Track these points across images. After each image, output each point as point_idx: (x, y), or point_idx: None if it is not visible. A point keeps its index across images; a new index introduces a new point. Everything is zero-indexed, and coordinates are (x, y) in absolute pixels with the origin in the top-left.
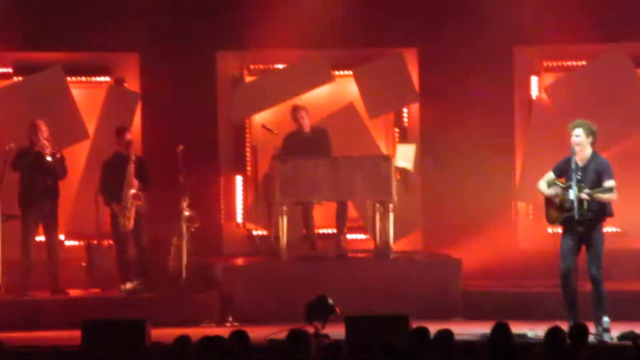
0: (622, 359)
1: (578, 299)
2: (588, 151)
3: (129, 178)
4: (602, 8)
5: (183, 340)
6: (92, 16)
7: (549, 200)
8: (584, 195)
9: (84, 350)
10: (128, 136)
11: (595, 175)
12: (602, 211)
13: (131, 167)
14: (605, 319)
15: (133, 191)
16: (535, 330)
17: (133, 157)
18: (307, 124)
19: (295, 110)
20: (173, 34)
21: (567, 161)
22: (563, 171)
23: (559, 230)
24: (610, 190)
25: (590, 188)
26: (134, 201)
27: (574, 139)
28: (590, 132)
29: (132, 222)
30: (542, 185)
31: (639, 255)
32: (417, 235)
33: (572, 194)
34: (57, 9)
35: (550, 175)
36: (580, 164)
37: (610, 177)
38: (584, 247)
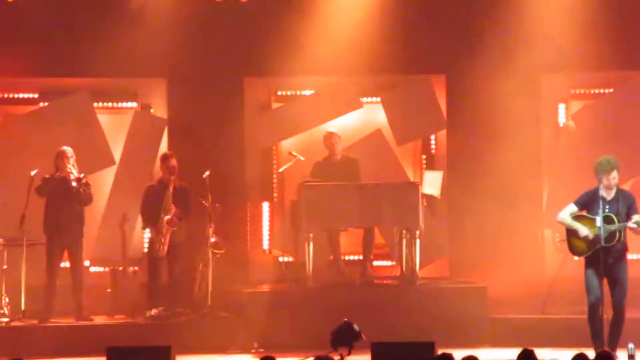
0: None
1: (603, 329)
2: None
3: (166, 204)
4: (629, 36)
5: None
6: (119, 42)
7: (571, 232)
8: (631, 225)
9: None
10: (172, 162)
11: (626, 207)
12: (626, 244)
13: (169, 193)
14: (630, 345)
15: (167, 217)
16: (560, 358)
17: (172, 183)
18: (339, 150)
19: (330, 136)
20: (200, 60)
21: (591, 194)
22: (587, 204)
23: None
24: None
25: (620, 221)
26: (168, 227)
27: (612, 181)
28: (619, 169)
29: (165, 247)
30: (567, 217)
31: None
32: (443, 262)
33: (599, 222)
34: (83, 34)
35: (573, 207)
36: (609, 197)
37: (637, 210)
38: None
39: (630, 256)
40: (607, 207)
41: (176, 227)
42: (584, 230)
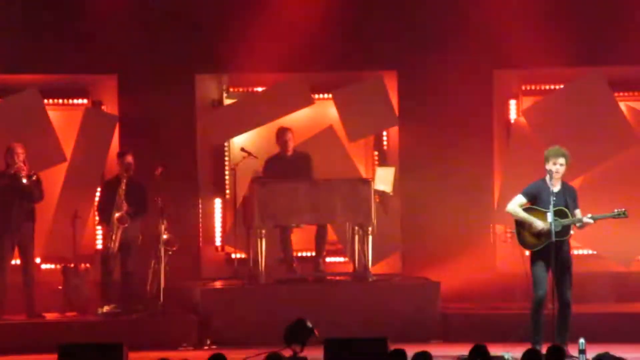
0: None
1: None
2: (559, 179)
3: (118, 201)
4: (580, 33)
5: None
6: (70, 38)
7: (521, 224)
8: (587, 220)
9: None
10: (128, 159)
11: (571, 200)
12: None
13: (121, 191)
14: (581, 340)
15: (117, 214)
16: (512, 353)
17: (124, 180)
18: (291, 146)
19: (282, 131)
20: (151, 57)
21: (538, 186)
22: (535, 195)
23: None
24: (611, 216)
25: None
26: (119, 224)
27: (558, 167)
28: (569, 162)
29: (117, 244)
30: (518, 209)
31: (613, 277)
32: (396, 259)
33: (550, 217)
34: (33, 30)
35: (521, 199)
36: (555, 189)
37: (577, 205)
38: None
39: (580, 251)
40: (554, 199)
41: (127, 224)
42: (539, 223)
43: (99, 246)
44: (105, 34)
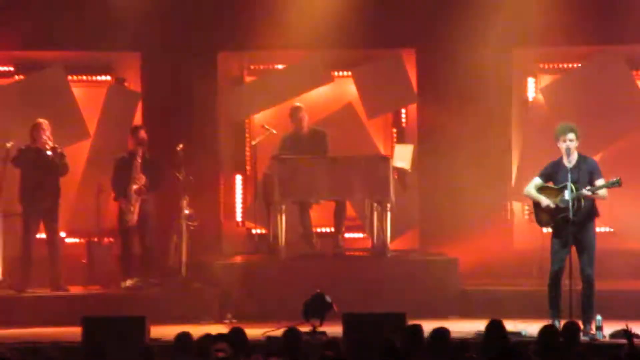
0: (614, 356)
1: (561, 299)
2: (575, 153)
3: (135, 174)
4: (597, 11)
5: (184, 336)
6: (94, 16)
7: (537, 204)
8: (585, 192)
9: (85, 346)
10: (142, 134)
11: (588, 175)
12: (593, 211)
13: (137, 163)
14: (598, 317)
15: (135, 187)
16: (528, 329)
17: (140, 154)
18: (305, 124)
19: (296, 110)
20: (174, 35)
21: (554, 165)
22: (551, 175)
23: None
24: (605, 186)
25: (580, 188)
26: (137, 197)
27: (568, 143)
28: (578, 135)
29: (135, 217)
30: (532, 191)
31: (631, 255)
32: (414, 235)
33: (567, 194)
34: (59, 8)
35: (538, 180)
36: (570, 166)
37: (601, 175)
38: (573, 248)
39: (599, 229)
40: (569, 175)
41: (145, 197)
42: (545, 201)
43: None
44: (128, 12)
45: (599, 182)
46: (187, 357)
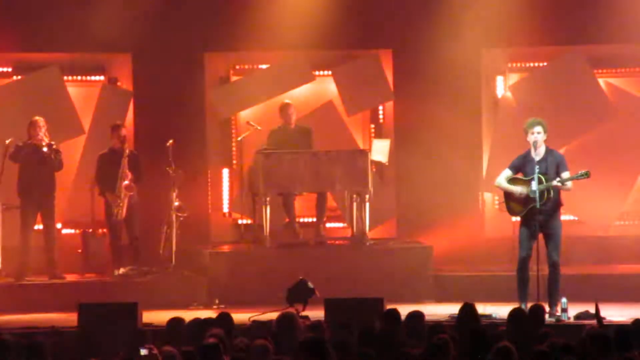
0: (578, 336)
1: (529, 284)
2: (543, 146)
3: (123, 170)
4: (562, 13)
5: (176, 321)
6: (87, 19)
7: (508, 195)
8: (555, 183)
9: (80, 331)
10: (123, 132)
11: (555, 167)
12: (559, 201)
13: (125, 161)
14: (564, 299)
15: (126, 182)
16: (498, 312)
17: (127, 152)
18: (294, 120)
19: (287, 107)
20: (164, 37)
21: (523, 157)
22: (520, 167)
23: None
24: (574, 178)
25: (548, 180)
26: (126, 192)
27: (536, 136)
28: (546, 129)
29: (124, 211)
30: (502, 182)
31: (594, 242)
32: (391, 224)
33: (534, 185)
34: (54, 12)
35: (508, 172)
36: (538, 158)
37: (567, 168)
38: (540, 235)
39: (565, 217)
40: (537, 167)
41: (133, 192)
42: (518, 189)
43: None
44: (121, 14)
45: (565, 174)
46: (179, 340)
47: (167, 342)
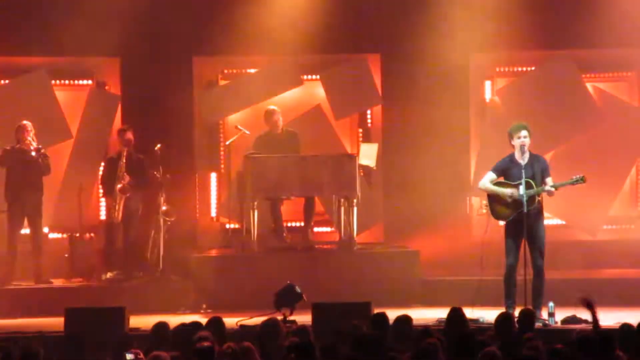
0: (565, 341)
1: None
2: (528, 151)
3: (119, 173)
4: (550, 18)
5: (161, 326)
6: (76, 23)
7: (493, 198)
8: (549, 189)
9: (67, 335)
10: (128, 135)
11: (540, 172)
12: (541, 206)
13: (122, 163)
14: (551, 304)
15: (119, 186)
16: (485, 316)
17: (125, 154)
18: (280, 125)
19: (272, 113)
20: (152, 41)
21: (508, 161)
22: (505, 171)
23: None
24: (570, 183)
25: (536, 184)
26: (121, 195)
27: (523, 140)
28: (531, 133)
29: (120, 214)
30: (488, 184)
31: (582, 246)
32: (379, 228)
33: (522, 190)
34: (43, 16)
35: (492, 175)
36: (524, 162)
37: (549, 173)
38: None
39: (550, 222)
40: (523, 171)
41: (128, 194)
42: (507, 191)
43: (103, 217)
44: (109, 19)
45: (549, 180)
46: (164, 345)
47: (152, 346)
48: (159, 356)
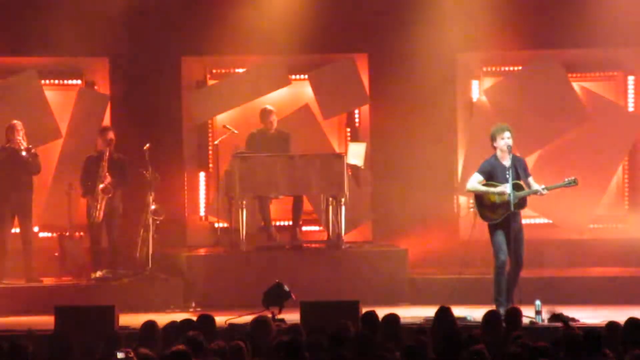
0: (552, 339)
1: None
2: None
3: (101, 173)
4: (537, 18)
5: (150, 324)
6: (65, 23)
7: (480, 200)
8: (542, 190)
9: (57, 334)
10: (110, 135)
11: (523, 172)
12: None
13: (104, 163)
14: (537, 302)
15: (101, 185)
16: (473, 314)
17: (107, 154)
18: (275, 125)
19: (268, 113)
20: (140, 41)
21: (492, 163)
22: (490, 172)
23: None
24: (563, 185)
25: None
26: (103, 194)
27: (506, 140)
28: (512, 133)
29: (101, 214)
30: (477, 185)
31: (569, 245)
32: (367, 227)
33: (508, 188)
34: (32, 16)
35: (479, 177)
36: (507, 164)
37: (529, 173)
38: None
39: (536, 220)
40: (508, 173)
41: (110, 195)
42: (497, 190)
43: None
44: (98, 19)
45: (530, 179)
46: (154, 343)
47: (141, 345)
48: (145, 354)
